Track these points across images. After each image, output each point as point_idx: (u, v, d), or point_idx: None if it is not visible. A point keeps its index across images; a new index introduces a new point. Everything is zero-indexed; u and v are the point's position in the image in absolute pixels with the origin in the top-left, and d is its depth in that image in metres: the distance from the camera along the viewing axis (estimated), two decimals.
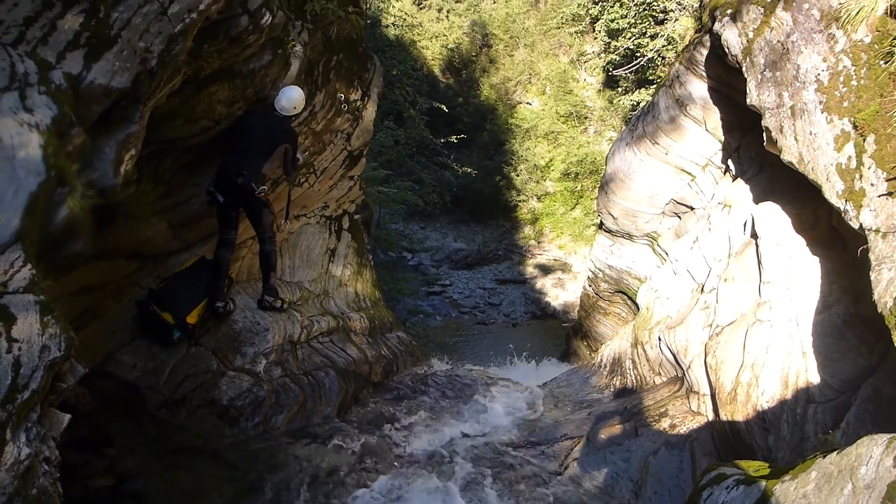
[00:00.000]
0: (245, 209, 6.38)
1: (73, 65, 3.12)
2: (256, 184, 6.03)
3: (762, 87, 5.36)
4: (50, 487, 2.46)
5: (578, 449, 6.41)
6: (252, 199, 6.13)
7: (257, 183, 6.05)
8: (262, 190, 6.12)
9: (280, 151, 6.24)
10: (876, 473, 2.22)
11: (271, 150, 6.16)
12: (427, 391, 8.37)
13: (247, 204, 6.27)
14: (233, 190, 5.98)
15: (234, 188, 5.97)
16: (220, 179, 5.97)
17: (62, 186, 2.78)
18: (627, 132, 9.88)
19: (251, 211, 6.41)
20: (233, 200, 6.11)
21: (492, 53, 32.09)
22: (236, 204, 6.21)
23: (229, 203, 6.10)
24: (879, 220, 3.96)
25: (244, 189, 5.98)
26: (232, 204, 6.15)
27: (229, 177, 5.93)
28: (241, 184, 5.93)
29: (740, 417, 5.39)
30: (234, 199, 6.10)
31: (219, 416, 5.88)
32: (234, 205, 6.21)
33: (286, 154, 6.34)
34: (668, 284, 8.30)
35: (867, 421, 4.28)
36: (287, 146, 6.29)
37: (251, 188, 5.99)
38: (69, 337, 2.64)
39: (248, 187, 5.97)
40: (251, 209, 6.38)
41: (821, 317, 5.24)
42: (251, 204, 6.26)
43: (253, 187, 5.99)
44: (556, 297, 21.67)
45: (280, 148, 6.22)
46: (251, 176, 5.97)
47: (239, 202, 6.20)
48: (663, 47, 19.09)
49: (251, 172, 5.98)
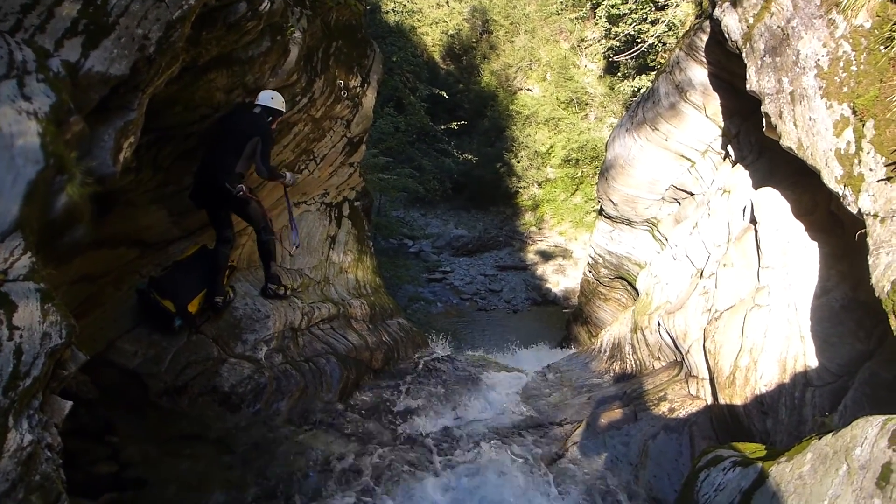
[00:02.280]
0: (231, 209, 6.29)
1: (71, 52, 3.11)
2: (232, 184, 5.89)
3: (762, 73, 5.35)
4: (53, 474, 2.48)
5: (578, 433, 6.45)
6: (233, 199, 6.00)
7: (233, 183, 5.90)
8: (240, 189, 5.97)
9: (252, 147, 5.95)
10: (871, 454, 2.23)
11: (243, 146, 5.92)
12: (428, 377, 8.41)
13: (230, 204, 6.16)
14: (212, 192, 5.91)
15: (213, 191, 5.90)
16: (197, 184, 5.89)
17: (61, 174, 2.77)
18: (627, 118, 9.86)
19: (237, 210, 6.32)
20: (216, 203, 6.06)
21: (492, 39, 32.00)
22: (221, 205, 6.14)
23: (213, 205, 6.06)
24: (878, 205, 3.97)
25: (222, 191, 5.87)
26: (216, 206, 6.11)
27: (206, 180, 5.86)
28: (218, 187, 5.85)
29: (739, 401, 5.42)
30: (217, 201, 6.04)
31: (220, 403, 5.91)
32: (219, 207, 6.16)
33: (255, 148, 5.99)
34: (667, 270, 8.32)
35: (864, 404, 4.31)
36: (257, 139, 5.97)
37: (228, 190, 5.87)
38: (70, 324, 2.65)
39: (224, 190, 5.86)
40: (236, 208, 6.29)
41: (819, 301, 5.26)
42: (234, 203, 6.15)
43: (229, 189, 5.87)
44: (556, 283, 21.72)
45: (252, 142, 5.94)
46: (225, 177, 5.85)
47: (222, 204, 6.12)
48: (664, 33, 19.02)
49: (224, 173, 5.85)
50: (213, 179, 5.83)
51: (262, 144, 6.00)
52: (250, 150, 5.96)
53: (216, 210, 6.19)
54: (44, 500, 2.41)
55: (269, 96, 6.09)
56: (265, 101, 6.07)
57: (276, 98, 6.17)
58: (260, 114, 6.06)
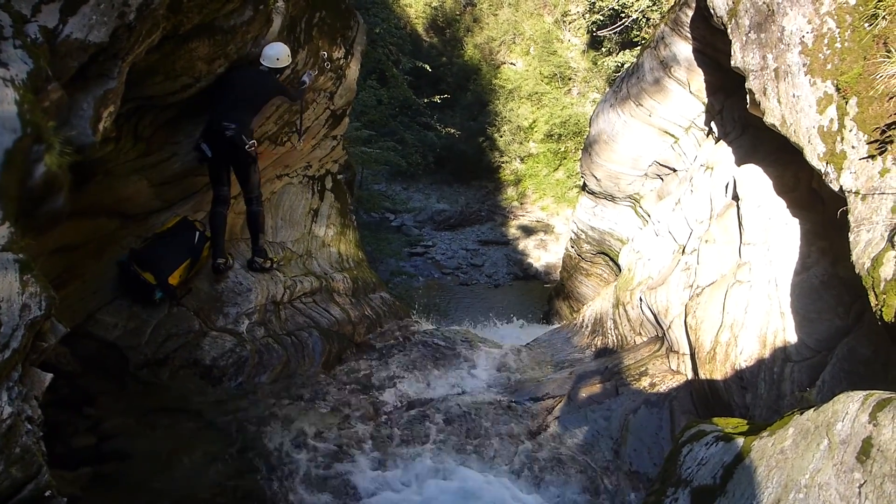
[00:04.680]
0: (233, 165, 6.34)
1: (49, 18, 3.04)
2: (246, 137, 6.01)
3: (747, 49, 5.34)
4: (33, 446, 2.46)
5: (560, 408, 6.51)
6: (241, 153, 6.11)
7: (247, 136, 6.03)
8: (252, 144, 6.10)
9: (272, 104, 6.40)
10: (851, 429, 2.27)
11: (261, 105, 6.23)
12: (410, 351, 8.41)
13: (235, 158, 6.23)
14: (221, 144, 5.93)
15: (222, 142, 5.91)
16: (208, 133, 5.91)
17: (39, 143, 2.71)
18: (611, 94, 9.84)
19: (240, 166, 6.38)
20: (222, 156, 6.06)
21: (476, 12, 31.66)
22: (225, 159, 6.17)
23: (218, 158, 6.05)
24: (859, 183, 4.00)
25: (233, 143, 5.93)
26: (221, 159, 6.11)
27: (218, 130, 5.87)
28: (229, 137, 5.88)
29: (719, 376, 5.49)
30: (223, 153, 6.04)
31: (201, 377, 5.88)
32: (224, 160, 6.17)
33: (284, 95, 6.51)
34: (649, 246, 8.36)
35: (842, 379, 4.38)
36: (279, 95, 6.43)
37: (241, 141, 5.96)
38: (49, 296, 2.61)
39: (237, 140, 5.94)
40: (240, 165, 6.35)
41: (799, 278, 5.31)
42: (240, 158, 6.23)
43: (243, 140, 5.97)
44: (538, 258, 21.78)
45: (273, 100, 6.41)
46: (240, 130, 5.93)
47: (228, 157, 6.16)
48: (648, 8, 18.96)
49: (240, 126, 5.93)
50: (225, 131, 5.88)
51: (285, 94, 6.51)
52: (267, 107, 6.45)
53: (218, 165, 6.23)
54: (24, 473, 2.39)
55: (274, 57, 6.21)
56: (270, 63, 6.20)
57: (282, 56, 6.30)
58: (269, 72, 6.21)
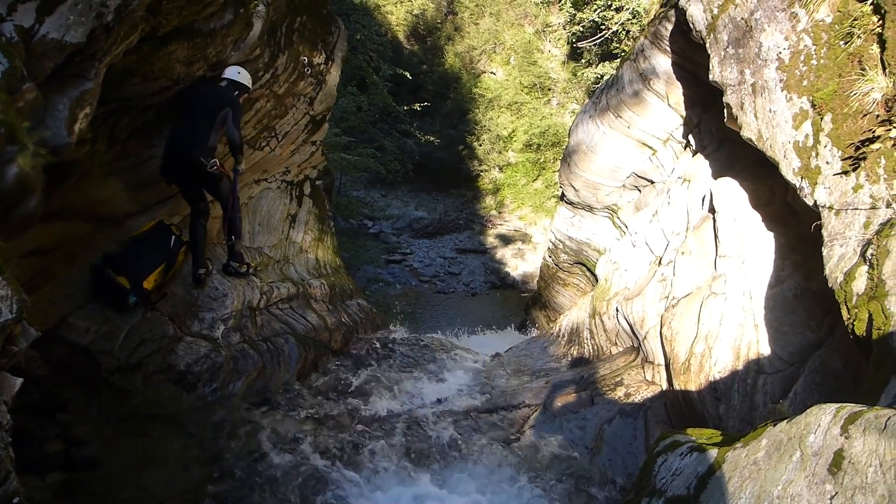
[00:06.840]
0: (201, 184, 6.23)
1: (25, 17, 2.99)
2: (206, 158, 5.88)
3: (725, 64, 5.41)
4: (1, 452, 2.41)
5: (535, 416, 6.51)
6: (205, 174, 5.97)
7: (206, 157, 5.89)
8: (214, 163, 5.97)
9: (223, 117, 5.97)
10: (824, 441, 2.29)
11: (214, 118, 5.94)
12: (387, 359, 8.39)
13: (201, 179, 6.11)
14: (184, 167, 5.84)
15: (185, 165, 5.82)
16: (169, 157, 5.80)
17: (12, 144, 2.67)
18: (591, 105, 9.90)
19: (208, 185, 6.27)
20: (188, 177, 5.98)
21: (457, 21, 31.83)
22: (192, 180, 6.08)
23: (184, 181, 5.98)
24: (833, 198, 4.06)
25: (196, 165, 5.83)
26: (188, 181, 6.04)
27: (178, 153, 5.77)
28: (191, 160, 5.79)
29: (693, 387, 5.53)
30: (188, 176, 5.97)
31: (175, 382, 5.81)
32: (191, 181, 6.08)
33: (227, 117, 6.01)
34: (626, 257, 8.41)
35: (814, 392, 4.43)
36: (227, 109, 5.99)
37: (202, 164, 5.84)
38: (21, 299, 2.56)
39: (197, 163, 5.82)
40: (207, 183, 6.24)
41: (773, 291, 5.37)
42: (206, 178, 6.11)
43: (203, 163, 5.85)
44: (515, 267, 21.84)
45: (222, 113, 5.97)
46: (199, 151, 5.81)
47: (194, 178, 6.05)
48: (628, 20, 19.13)
49: (197, 147, 5.81)
50: (185, 153, 5.75)
51: (234, 112, 6.02)
52: (221, 121, 5.95)
53: (187, 185, 6.12)
54: None
55: (235, 71, 6.07)
56: (232, 76, 6.05)
57: (243, 73, 6.14)
58: (227, 87, 6.02)
